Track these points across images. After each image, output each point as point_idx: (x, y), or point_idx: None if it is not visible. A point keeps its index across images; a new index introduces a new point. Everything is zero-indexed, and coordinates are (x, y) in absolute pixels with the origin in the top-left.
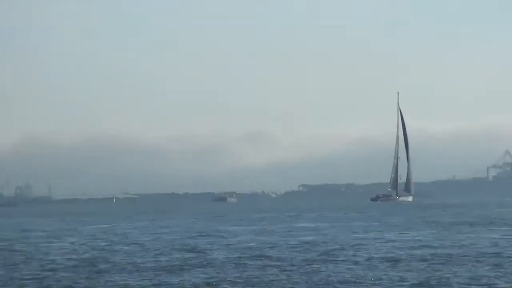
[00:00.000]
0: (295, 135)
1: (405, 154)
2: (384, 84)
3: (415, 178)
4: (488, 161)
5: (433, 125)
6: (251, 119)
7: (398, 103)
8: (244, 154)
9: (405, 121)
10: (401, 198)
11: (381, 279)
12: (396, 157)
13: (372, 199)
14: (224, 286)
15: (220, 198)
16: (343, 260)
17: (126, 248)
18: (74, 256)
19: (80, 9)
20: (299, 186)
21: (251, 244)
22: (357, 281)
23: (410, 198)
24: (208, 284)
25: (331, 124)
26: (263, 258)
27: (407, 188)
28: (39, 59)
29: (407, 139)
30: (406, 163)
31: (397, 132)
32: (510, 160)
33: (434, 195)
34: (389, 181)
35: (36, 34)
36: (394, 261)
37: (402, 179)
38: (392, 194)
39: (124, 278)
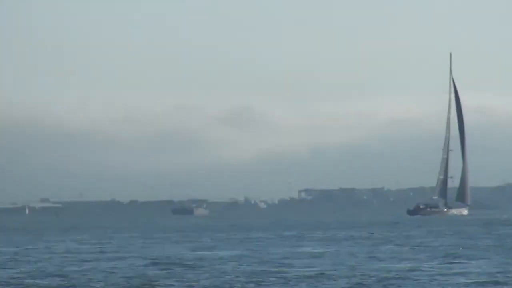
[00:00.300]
0: (297, 114)
1: (460, 146)
2: (429, 42)
3: (474, 181)
4: None
5: (502, 103)
6: (234, 92)
7: (450, 70)
8: (222, 142)
9: (460, 97)
10: (453, 211)
11: None
12: (447, 150)
13: (410, 212)
14: None
15: (184, 209)
16: None
17: None
18: None
19: None
20: (300, 192)
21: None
22: None
23: (465, 211)
24: None
25: (351, 99)
26: None
27: (460, 196)
28: None
29: (463, 123)
30: (461, 159)
31: (449, 113)
32: None
33: (500, 206)
34: (434, 185)
35: None
36: None
37: (454, 182)
38: (439, 205)
39: None
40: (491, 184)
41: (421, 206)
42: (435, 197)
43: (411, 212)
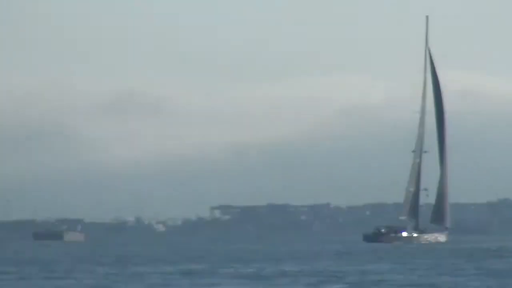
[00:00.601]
0: (209, 101)
1: (437, 147)
2: (398, 6)
3: (455, 196)
4: None
5: (497, 85)
6: (118, 73)
7: (426, 40)
8: (102, 140)
9: (439, 79)
10: (426, 237)
11: None
12: (419, 152)
13: (367, 237)
14: None
15: (50, 232)
16: None
17: None
18: None
19: None
20: (213, 210)
21: None
22: None
23: (442, 237)
24: None
25: (287, 81)
26: None
27: (437, 217)
28: None
29: (442, 115)
30: (439, 165)
31: (423, 100)
32: None
33: (490, 230)
34: (402, 201)
35: None
36: None
37: (429, 197)
38: (408, 228)
39: None
40: (479, 200)
41: (383, 230)
42: (402, 218)
43: (369, 238)
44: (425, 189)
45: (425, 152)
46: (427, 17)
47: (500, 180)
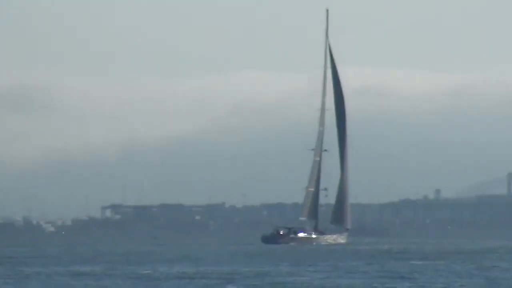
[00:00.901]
0: (100, 97)
1: (338, 145)
2: None
3: (356, 196)
4: None
5: (401, 81)
6: (5, 69)
7: (326, 34)
8: None
9: (339, 73)
10: (326, 238)
11: None
12: (319, 151)
13: (265, 239)
14: None
15: None
16: None
17: None
18: None
19: None
20: (105, 209)
21: None
22: None
23: (342, 238)
24: None
25: (179, 75)
26: None
27: (337, 217)
28: None
29: (343, 112)
30: (339, 165)
31: (323, 97)
32: None
33: (391, 231)
34: (301, 202)
35: None
36: None
37: (328, 197)
38: (307, 229)
39: None
40: (380, 200)
41: (282, 232)
42: (302, 218)
43: (268, 240)
44: (325, 189)
45: (325, 150)
46: (327, 10)
47: (401, 180)
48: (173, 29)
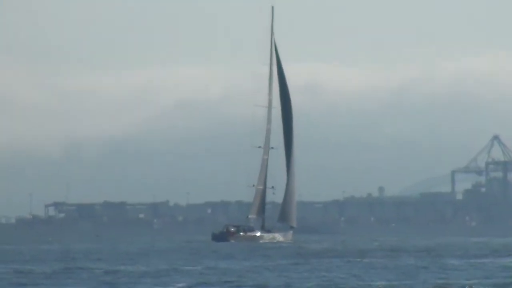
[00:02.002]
0: (42, 93)
1: (283, 143)
2: None
3: (305, 194)
4: (459, 156)
5: (346, 78)
6: None
7: (272, 31)
8: None
9: (284, 70)
10: (272, 236)
11: None
12: (267, 149)
13: (216, 236)
14: None
15: None
16: None
17: None
18: None
19: None
20: (48, 207)
21: None
22: None
23: (288, 236)
24: None
25: (120, 71)
26: None
27: (284, 215)
28: None
29: (290, 109)
30: (285, 162)
31: (270, 95)
32: (501, 155)
33: (336, 229)
34: (249, 200)
35: None
36: None
37: (275, 195)
38: (255, 227)
39: None
40: (324, 198)
41: (232, 229)
42: (251, 216)
43: (218, 237)
44: (272, 187)
45: (272, 148)
46: (272, 7)
47: (345, 178)
48: (115, 24)
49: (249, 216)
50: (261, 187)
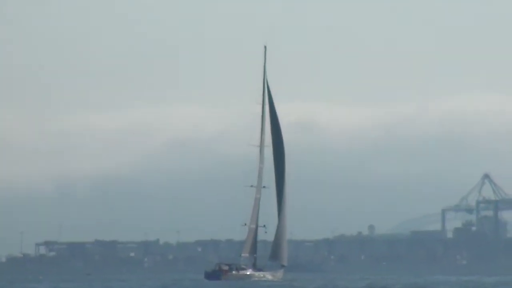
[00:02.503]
0: (34, 131)
1: (275, 181)
2: (239, 34)
3: (291, 232)
4: (450, 194)
5: (330, 116)
6: None
7: (264, 71)
8: None
9: (276, 109)
10: (262, 275)
11: None
12: (259, 187)
13: (208, 275)
14: None
15: None
16: None
17: None
18: None
19: None
20: (39, 246)
21: None
22: None
23: (279, 274)
24: None
25: (113, 110)
26: None
27: (275, 254)
28: None
29: (282, 148)
30: (276, 201)
31: (262, 134)
32: (492, 193)
33: (326, 267)
34: (243, 238)
35: None
36: None
37: (267, 233)
38: (247, 265)
39: None
40: (314, 236)
41: (224, 268)
42: (244, 255)
43: (210, 276)
44: (264, 226)
45: (264, 187)
46: (265, 47)
47: (335, 216)
48: (109, 62)
49: (242, 255)
50: (253, 226)
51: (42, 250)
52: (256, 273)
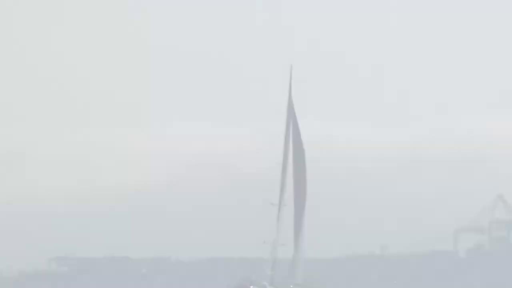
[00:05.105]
0: (52, 145)
1: (293, 199)
2: (268, 49)
3: (314, 249)
4: (462, 215)
5: (359, 135)
6: None
7: (290, 88)
8: None
9: (299, 127)
10: None
11: None
12: (280, 205)
13: None
14: None
15: None
16: None
17: None
18: None
19: None
20: (51, 261)
21: None
22: None
23: None
24: None
25: (133, 125)
26: None
27: (292, 272)
28: None
29: (303, 165)
30: (293, 219)
31: (286, 150)
32: (505, 213)
33: (339, 284)
34: (262, 256)
35: None
36: None
37: (287, 251)
38: (267, 283)
39: None
40: (325, 255)
41: (247, 285)
42: (269, 272)
43: None
44: (283, 244)
45: (285, 205)
46: (291, 65)
47: (347, 235)
48: (127, 78)
49: (268, 272)
50: (276, 244)
51: (54, 265)
52: None
